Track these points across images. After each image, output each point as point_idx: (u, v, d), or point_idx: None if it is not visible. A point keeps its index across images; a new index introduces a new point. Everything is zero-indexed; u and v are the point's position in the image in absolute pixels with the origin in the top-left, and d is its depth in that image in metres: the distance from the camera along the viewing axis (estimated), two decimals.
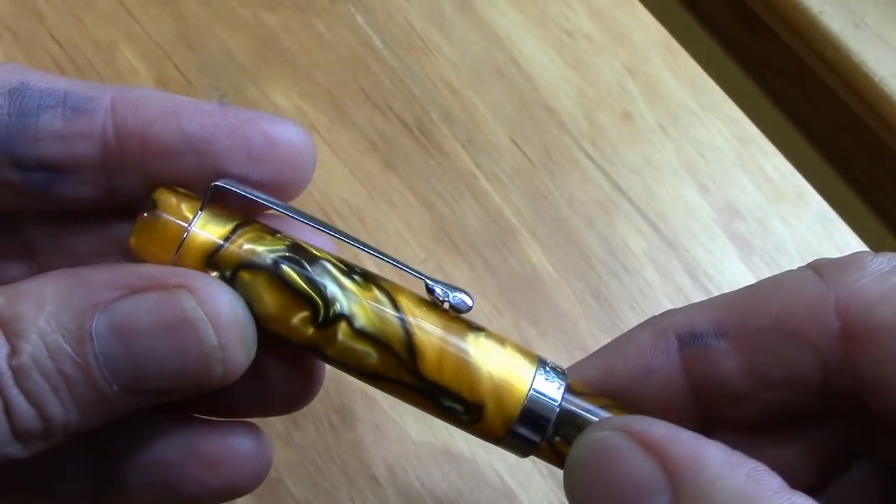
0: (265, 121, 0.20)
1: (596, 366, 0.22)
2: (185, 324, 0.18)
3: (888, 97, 0.44)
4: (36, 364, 0.17)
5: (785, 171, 0.39)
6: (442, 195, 0.36)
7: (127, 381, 0.18)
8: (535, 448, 0.21)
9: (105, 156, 0.20)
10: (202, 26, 0.38)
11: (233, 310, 0.18)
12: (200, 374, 0.18)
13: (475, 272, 0.35)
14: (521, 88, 0.39)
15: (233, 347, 0.18)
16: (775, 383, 0.21)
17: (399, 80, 0.39)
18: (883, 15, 0.46)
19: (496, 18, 0.41)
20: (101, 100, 0.20)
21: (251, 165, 0.20)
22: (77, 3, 0.38)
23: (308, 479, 0.30)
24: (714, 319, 0.21)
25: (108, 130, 0.20)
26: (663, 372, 0.21)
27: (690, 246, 0.37)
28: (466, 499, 0.30)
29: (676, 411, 0.22)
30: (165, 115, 0.20)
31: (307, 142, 0.20)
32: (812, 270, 0.21)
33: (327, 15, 0.40)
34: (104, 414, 0.18)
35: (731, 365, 0.21)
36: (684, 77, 0.41)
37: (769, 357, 0.20)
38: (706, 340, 0.21)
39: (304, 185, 0.21)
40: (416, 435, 0.31)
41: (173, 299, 0.18)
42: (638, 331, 0.22)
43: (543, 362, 0.21)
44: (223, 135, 0.20)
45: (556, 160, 0.38)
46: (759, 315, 0.21)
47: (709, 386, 0.21)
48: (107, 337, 0.18)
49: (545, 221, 0.36)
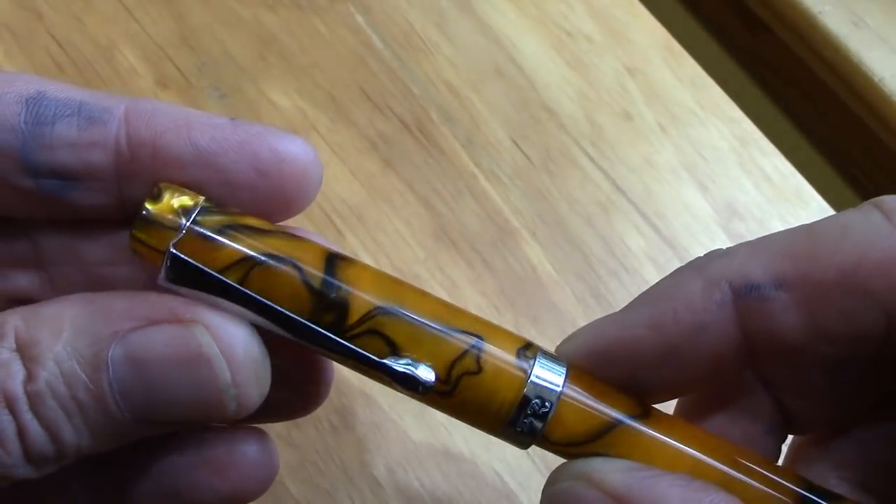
0: (273, 136, 0.20)
1: (643, 321, 0.21)
2: (199, 359, 0.18)
3: (888, 97, 0.44)
4: (51, 390, 0.18)
5: (785, 171, 0.39)
6: (442, 195, 0.36)
7: (139, 410, 0.18)
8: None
9: (117, 165, 0.20)
10: (202, 26, 0.38)
11: (247, 347, 0.19)
12: (213, 409, 0.19)
13: (475, 272, 0.35)
14: (521, 88, 0.39)
15: (247, 385, 0.19)
16: (837, 339, 0.20)
17: (399, 79, 0.39)
18: (883, 15, 0.46)
19: (496, 18, 0.41)
20: (116, 110, 0.20)
21: (258, 179, 0.20)
22: (77, 3, 0.38)
23: (308, 480, 0.30)
24: (773, 269, 0.20)
25: (121, 140, 0.20)
26: (718, 328, 0.20)
27: (690, 246, 0.37)
28: (466, 499, 0.30)
29: (729, 369, 0.21)
30: (177, 126, 0.20)
31: (313, 158, 0.21)
32: (881, 214, 0.19)
33: (327, 15, 0.40)
34: (115, 440, 0.19)
35: (792, 319, 0.20)
36: (684, 77, 0.41)
37: (833, 312, 0.19)
38: (764, 292, 0.20)
39: (309, 200, 0.21)
40: (415, 435, 0.31)
41: (189, 333, 0.18)
42: (685, 277, 0.21)
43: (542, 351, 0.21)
44: (232, 149, 0.20)
45: (556, 160, 0.38)
46: (823, 266, 0.19)
47: (765, 341, 0.20)
48: (122, 366, 0.18)
49: (545, 221, 0.36)
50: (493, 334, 0.21)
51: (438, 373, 0.20)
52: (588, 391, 0.21)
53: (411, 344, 0.20)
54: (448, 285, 0.34)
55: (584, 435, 0.20)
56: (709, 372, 0.21)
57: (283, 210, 0.21)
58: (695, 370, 0.21)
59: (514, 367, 0.20)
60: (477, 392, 0.20)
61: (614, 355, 0.21)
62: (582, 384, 0.21)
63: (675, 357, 0.20)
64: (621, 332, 0.21)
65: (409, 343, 0.20)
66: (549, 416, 0.20)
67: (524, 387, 0.20)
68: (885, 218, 0.19)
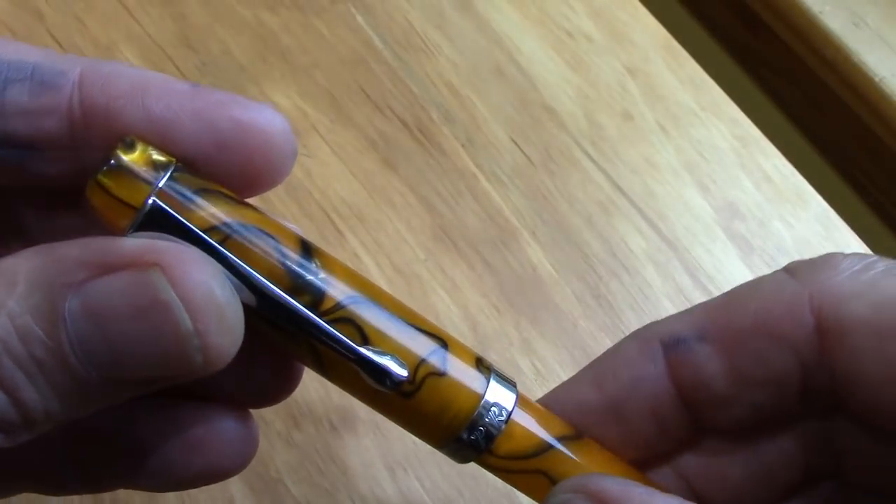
0: (236, 104, 0.19)
1: (587, 380, 0.23)
2: (156, 306, 0.16)
3: (888, 97, 0.44)
4: (5, 348, 0.16)
5: (785, 171, 0.39)
6: (442, 195, 0.36)
7: (103, 366, 0.17)
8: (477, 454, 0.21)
9: (72, 132, 0.19)
10: (202, 26, 0.38)
11: (208, 289, 0.17)
12: (178, 362, 0.17)
13: (475, 272, 0.35)
14: (521, 88, 0.39)
15: (211, 333, 0.17)
16: (757, 383, 0.21)
17: (399, 79, 0.39)
18: (883, 15, 0.46)
19: (496, 18, 0.41)
20: (70, 73, 0.19)
21: (217, 152, 0.19)
22: (77, 3, 0.38)
23: (308, 479, 0.30)
24: (695, 324, 0.22)
25: (74, 106, 0.19)
26: (651, 380, 0.22)
27: (690, 246, 0.37)
28: (466, 499, 0.30)
29: (666, 418, 0.22)
30: (132, 91, 0.19)
31: (283, 128, 0.19)
32: (786, 272, 0.21)
33: (327, 15, 0.40)
34: (87, 402, 0.17)
35: (714, 367, 0.21)
36: (684, 77, 0.41)
37: (750, 357, 0.21)
38: (689, 344, 0.21)
39: (279, 175, 0.20)
40: None
41: (145, 279, 0.17)
42: (624, 343, 0.23)
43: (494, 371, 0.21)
44: (188, 118, 0.19)
45: (556, 160, 0.38)
46: (737, 317, 0.21)
47: (695, 390, 0.22)
48: (80, 319, 0.16)
49: (545, 221, 0.36)
50: (454, 343, 0.21)
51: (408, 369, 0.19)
52: (532, 410, 0.21)
53: (381, 337, 0.19)
54: (448, 285, 0.34)
55: (529, 448, 0.21)
56: (649, 426, 0.22)
57: (248, 186, 0.19)
58: (637, 423, 0.22)
59: (475, 376, 0.20)
60: (438, 395, 0.20)
61: (566, 416, 0.22)
62: (526, 401, 0.21)
63: (617, 410, 0.22)
64: (568, 392, 0.23)
65: (380, 336, 0.19)
66: (502, 428, 0.20)
67: (482, 397, 0.20)
68: (789, 274, 0.21)
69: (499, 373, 0.21)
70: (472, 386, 0.20)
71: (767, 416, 0.22)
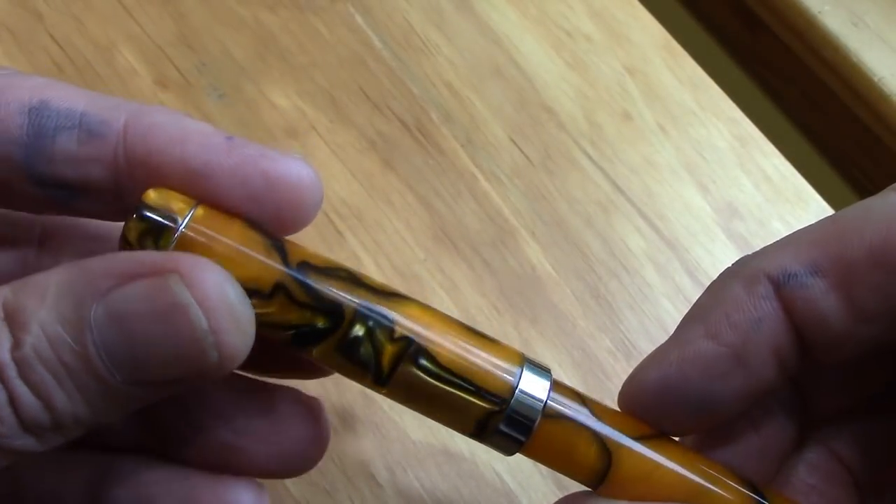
0: (268, 160, 0.20)
1: (699, 334, 0.21)
2: (174, 308, 0.18)
3: (888, 97, 0.44)
4: (37, 355, 0.17)
5: (785, 171, 0.39)
6: (441, 195, 0.36)
7: (127, 369, 0.18)
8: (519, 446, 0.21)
9: (117, 179, 0.20)
10: (202, 26, 0.38)
11: (221, 291, 0.18)
12: (195, 360, 0.18)
13: (474, 272, 0.35)
14: (521, 88, 0.39)
15: (225, 331, 0.18)
16: (876, 317, 0.20)
17: (398, 80, 0.39)
18: (883, 15, 0.46)
19: (495, 18, 0.41)
20: (115, 123, 0.20)
21: (251, 204, 0.20)
22: (77, 3, 0.38)
23: (307, 479, 0.30)
24: (805, 258, 0.20)
25: (119, 156, 0.20)
26: (770, 320, 0.20)
27: (690, 246, 0.37)
28: (466, 499, 0.30)
29: (787, 360, 0.21)
30: (171, 144, 0.20)
31: (310, 181, 0.20)
32: None
33: (326, 15, 0.40)
34: (113, 406, 0.18)
35: (832, 302, 0.20)
36: (684, 77, 0.41)
37: (868, 290, 0.20)
38: (801, 279, 0.20)
39: (306, 221, 0.21)
40: (415, 435, 0.31)
41: (164, 284, 0.18)
42: (723, 285, 0.21)
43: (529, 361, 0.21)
44: (224, 173, 0.20)
45: (556, 160, 0.38)
46: (851, 248, 0.20)
47: (812, 327, 0.20)
48: (104, 325, 0.18)
49: (545, 221, 0.36)
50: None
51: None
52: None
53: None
54: (448, 285, 0.34)
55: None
56: (772, 370, 0.21)
57: (280, 231, 0.21)
58: (761, 369, 0.21)
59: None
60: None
61: (684, 376, 0.21)
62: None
63: (741, 360, 0.21)
64: (683, 351, 0.21)
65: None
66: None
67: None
68: None
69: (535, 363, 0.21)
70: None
71: (882, 350, 0.21)
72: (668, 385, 0.21)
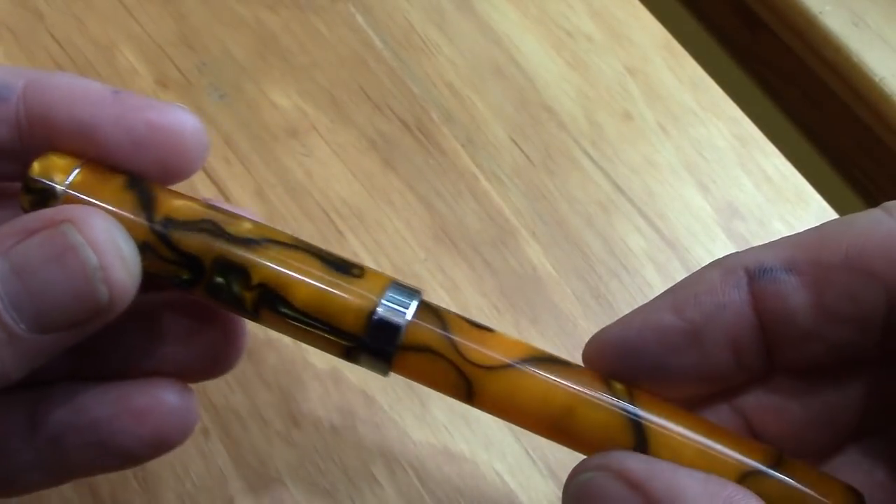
0: (151, 108, 0.21)
1: (666, 305, 0.22)
2: (68, 250, 0.19)
3: (888, 97, 0.44)
4: None
5: (785, 171, 0.39)
6: (442, 195, 0.36)
7: (30, 317, 0.19)
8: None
9: (21, 139, 0.21)
10: (202, 26, 0.38)
11: (108, 232, 0.20)
12: (89, 298, 0.19)
13: (475, 272, 0.35)
14: (521, 88, 0.39)
15: (113, 267, 0.19)
16: (843, 319, 0.21)
17: (399, 79, 0.39)
18: (883, 15, 0.46)
19: (496, 18, 0.41)
20: (16, 86, 0.21)
21: (135, 151, 0.21)
22: (77, 3, 0.38)
23: (308, 479, 0.30)
24: (783, 255, 0.21)
25: (20, 116, 0.21)
26: (734, 308, 0.21)
27: (690, 246, 0.37)
28: (466, 499, 0.30)
29: (744, 350, 0.22)
30: (63, 101, 0.21)
31: (193, 127, 0.22)
32: (883, 210, 0.21)
33: (327, 14, 0.40)
34: (23, 359, 0.19)
35: (800, 299, 0.21)
36: (684, 77, 0.41)
37: (838, 292, 0.20)
38: (775, 274, 0.21)
39: (191, 169, 0.22)
40: (416, 435, 0.31)
41: (59, 232, 0.19)
42: (706, 270, 0.22)
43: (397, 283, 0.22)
44: (109, 124, 0.21)
45: (556, 160, 0.38)
46: (828, 251, 0.21)
47: (777, 321, 0.21)
48: (8, 278, 0.19)
49: (545, 221, 0.36)
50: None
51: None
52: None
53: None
54: (448, 285, 0.34)
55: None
56: (726, 356, 0.22)
57: (163, 179, 0.22)
58: (714, 352, 0.22)
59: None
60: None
61: (643, 340, 0.22)
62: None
63: (696, 337, 0.21)
64: (646, 317, 0.22)
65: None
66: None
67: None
68: (886, 213, 0.21)
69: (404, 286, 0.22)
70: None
71: (844, 356, 0.21)
72: (626, 346, 0.22)
